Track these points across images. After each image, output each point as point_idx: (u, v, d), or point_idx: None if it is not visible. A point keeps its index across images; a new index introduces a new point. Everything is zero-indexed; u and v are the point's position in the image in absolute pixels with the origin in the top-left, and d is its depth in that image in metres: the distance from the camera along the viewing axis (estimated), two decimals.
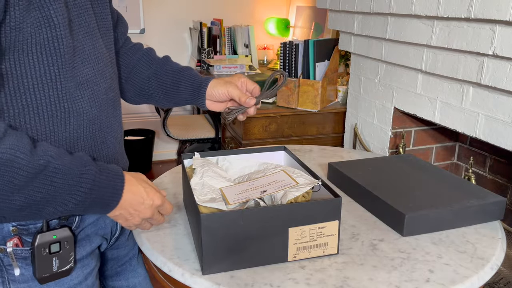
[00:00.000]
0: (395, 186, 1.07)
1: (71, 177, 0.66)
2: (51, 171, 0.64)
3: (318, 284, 0.76)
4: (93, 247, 0.85)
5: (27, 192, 0.62)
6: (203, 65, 3.17)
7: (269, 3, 3.53)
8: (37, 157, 0.63)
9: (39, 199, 0.64)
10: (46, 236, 0.74)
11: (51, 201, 0.65)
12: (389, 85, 1.70)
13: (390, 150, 1.76)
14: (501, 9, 1.09)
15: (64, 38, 0.69)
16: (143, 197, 0.75)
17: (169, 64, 1.01)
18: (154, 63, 1.01)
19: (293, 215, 0.79)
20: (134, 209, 0.75)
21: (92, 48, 0.77)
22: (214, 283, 0.76)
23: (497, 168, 1.64)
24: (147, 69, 1.01)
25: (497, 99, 1.22)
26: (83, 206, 0.69)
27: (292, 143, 2.08)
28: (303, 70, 2.02)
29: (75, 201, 0.67)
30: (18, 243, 0.74)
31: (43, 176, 0.63)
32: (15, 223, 0.73)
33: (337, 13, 1.94)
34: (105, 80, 0.80)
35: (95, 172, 0.69)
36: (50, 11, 0.66)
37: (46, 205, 0.65)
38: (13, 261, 0.74)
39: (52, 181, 0.64)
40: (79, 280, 0.81)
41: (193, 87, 0.98)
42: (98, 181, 0.69)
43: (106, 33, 0.83)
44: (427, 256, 0.86)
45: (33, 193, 0.63)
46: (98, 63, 0.78)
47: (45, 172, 0.63)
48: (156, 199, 0.77)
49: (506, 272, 1.48)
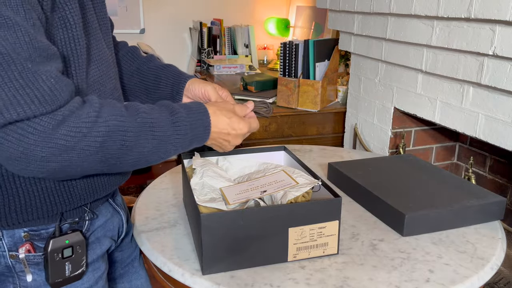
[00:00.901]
0: (395, 186, 1.07)
1: (166, 128, 0.72)
2: (149, 126, 0.70)
3: (318, 284, 0.76)
4: (103, 250, 0.85)
5: (136, 150, 0.69)
6: (203, 65, 3.17)
7: (269, 3, 3.53)
8: (133, 116, 0.69)
9: (146, 152, 0.70)
10: (59, 241, 0.74)
11: (155, 152, 0.72)
12: (389, 85, 1.70)
13: (390, 150, 1.76)
14: (501, 9, 1.09)
15: (80, 38, 0.69)
16: (227, 129, 0.83)
17: (152, 62, 1.01)
18: (137, 60, 1.01)
19: (293, 215, 0.79)
20: (223, 139, 0.84)
21: (97, 49, 0.77)
22: (214, 283, 0.76)
23: (497, 168, 1.64)
24: (130, 65, 1.00)
25: (497, 99, 1.22)
26: (182, 147, 0.76)
27: (292, 143, 2.08)
28: (303, 70, 2.02)
29: (175, 147, 0.74)
30: (30, 249, 0.74)
31: (144, 133, 0.69)
32: (26, 229, 0.73)
33: (337, 13, 1.94)
34: (110, 80, 0.81)
35: (184, 117, 0.75)
36: (65, 12, 0.66)
37: (152, 156, 0.72)
38: (26, 267, 0.74)
39: (153, 135, 0.70)
40: (90, 284, 0.81)
41: (173, 83, 0.98)
42: (189, 124, 0.75)
43: (107, 33, 0.83)
44: (427, 256, 0.86)
45: (141, 149, 0.69)
46: (102, 63, 0.78)
47: (145, 129, 0.69)
48: (242, 127, 0.84)
49: (506, 272, 1.48)
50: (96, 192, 0.78)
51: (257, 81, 2.22)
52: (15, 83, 0.57)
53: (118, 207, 0.91)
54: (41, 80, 0.59)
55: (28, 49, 0.58)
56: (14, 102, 0.57)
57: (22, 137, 0.58)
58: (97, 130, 0.63)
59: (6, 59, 0.57)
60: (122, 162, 0.68)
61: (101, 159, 0.65)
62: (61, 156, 0.61)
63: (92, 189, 0.78)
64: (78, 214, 0.78)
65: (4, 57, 0.56)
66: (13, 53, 0.57)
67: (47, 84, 0.60)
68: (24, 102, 0.58)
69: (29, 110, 0.58)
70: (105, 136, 0.64)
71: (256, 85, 2.20)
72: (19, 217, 0.71)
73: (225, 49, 3.22)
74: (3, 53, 0.56)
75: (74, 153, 0.62)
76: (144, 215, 1.01)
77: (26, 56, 0.58)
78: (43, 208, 0.72)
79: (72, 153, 0.62)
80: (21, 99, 0.57)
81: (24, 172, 0.62)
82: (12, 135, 0.58)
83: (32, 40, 0.59)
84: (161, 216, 1.00)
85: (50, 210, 0.73)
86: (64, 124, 0.61)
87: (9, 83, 0.57)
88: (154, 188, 1.16)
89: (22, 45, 0.58)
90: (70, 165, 0.63)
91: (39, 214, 0.73)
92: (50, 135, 0.59)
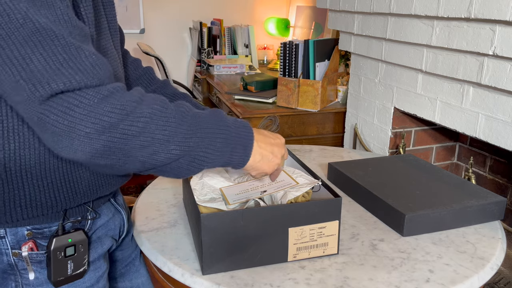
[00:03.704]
0: (395, 186, 1.07)
1: (212, 124, 0.71)
2: (191, 116, 0.69)
3: (318, 284, 0.76)
4: (104, 249, 0.85)
5: (178, 140, 0.66)
6: (203, 65, 3.17)
7: (269, 3, 3.53)
8: (178, 107, 0.69)
9: (191, 143, 0.68)
10: (62, 240, 0.75)
11: (200, 145, 0.69)
12: (389, 85, 1.70)
13: (390, 150, 1.76)
14: (501, 9, 1.09)
15: (92, 36, 0.69)
16: (269, 140, 0.81)
17: (168, 89, 1.01)
18: (153, 84, 1.01)
19: (293, 215, 0.79)
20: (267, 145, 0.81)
21: (106, 48, 0.77)
22: (214, 283, 0.76)
23: (497, 168, 1.64)
24: (148, 87, 1.01)
25: (497, 99, 1.21)
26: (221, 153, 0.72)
27: (292, 143, 2.08)
28: (303, 70, 2.02)
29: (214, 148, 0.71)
30: (33, 247, 0.74)
31: (186, 123, 0.68)
32: (29, 227, 0.74)
33: (337, 13, 1.94)
34: (117, 81, 0.81)
35: (232, 121, 0.75)
36: (80, 9, 0.67)
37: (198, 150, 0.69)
38: (28, 265, 0.74)
39: (199, 127, 0.69)
40: (91, 282, 0.82)
41: None
42: (235, 128, 0.74)
43: (115, 34, 0.83)
44: (427, 256, 0.86)
45: (184, 140, 0.67)
46: (111, 63, 0.78)
47: (187, 119, 0.68)
48: (280, 138, 0.85)
49: (506, 272, 1.48)
50: (99, 190, 0.79)
51: (257, 81, 2.22)
52: (59, 57, 0.58)
53: (119, 206, 0.91)
54: (83, 55, 0.60)
55: (68, 27, 0.60)
56: (59, 73, 0.58)
57: (67, 109, 0.58)
58: (140, 111, 0.63)
59: (49, 34, 0.58)
60: (164, 151, 0.66)
61: (143, 144, 0.64)
62: (104, 135, 0.61)
63: (96, 187, 0.78)
64: (80, 213, 0.79)
65: (47, 32, 0.58)
66: (56, 28, 0.58)
67: (89, 60, 0.61)
68: (69, 74, 0.58)
69: (75, 81, 0.58)
70: (148, 117, 0.64)
71: (256, 85, 2.20)
72: (23, 212, 0.72)
73: (225, 49, 3.22)
74: (46, 29, 0.57)
75: (117, 132, 0.61)
76: (144, 215, 1.01)
77: (68, 33, 0.59)
78: (48, 204, 0.73)
79: (115, 132, 0.61)
80: (66, 71, 0.58)
81: (68, 151, 0.61)
82: (57, 107, 0.58)
83: (71, 19, 0.60)
84: (161, 216, 1.00)
85: (55, 206, 0.74)
86: (108, 100, 0.61)
87: (53, 57, 0.58)
88: (154, 188, 1.16)
89: (62, 23, 0.59)
90: (112, 147, 0.62)
91: (43, 211, 0.73)
92: (94, 110, 0.60)
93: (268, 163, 0.80)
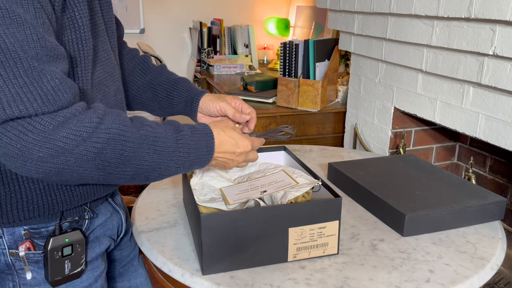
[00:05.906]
0: (395, 186, 1.07)
1: (169, 144, 0.72)
2: (152, 140, 0.69)
3: (318, 284, 0.76)
4: (102, 249, 0.85)
5: (135, 162, 0.68)
6: (203, 65, 3.17)
7: (269, 3, 3.53)
8: (137, 128, 0.68)
9: (146, 167, 0.69)
10: (59, 240, 0.75)
11: (156, 168, 0.71)
12: (389, 85, 1.69)
13: (390, 150, 1.76)
14: (501, 9, 1.09)
15: (88, 39, 0.69)
16: (232, 148, 0.82)
17: (164, 75, 1.01)
18: (149, 72, 1.01)
19: (293, 215, 0.79)
20: (227, 158, 0.82)
21: (103, 50, 0.77)
22: (214, 283, 0.76)
23: (497, 168, 1.64)
24: (142, 77, 1.00)
25: (497, 99, 1.21)
26: (183, 167, 0.75)
27: (292, 143, 2.08)
28: (303, 70, 2.02)
29: (177, 165, 0.73)
30: (30, 247, 0.74)
31: (146, 146, 0.68)
32: (26, 227, 0.74)
33: (337, 13, 1.94)
34: (114, 82, 0.81)
35: (188, 135, 0.74)
36: (75, 13, 0.66)
37: (152, 172, 0.71)
38: (25, 265, 0.74)
39: (154, 149, 0.70)
40: (89, 282, 0.82)
41: (186, 100, 0.98)
42: (192, 143, 0.75)
43: (112, 36, 0.83)
44: (427, 256, 0.86)
45: (141, 162, 0.69)
46: (107, 65, 0.78)
47: (147, 142, 0.69)
48: (246, 144, 0.84)
49: (506, 272, 1.48)
50: (97, 192, 0.79)
51: (257, 81, 2.21)
52: (19, 80, 0.57)
53: (117, 206, 0.91)
54: (45, 79, 0.59)
55: (36, 47, 0.59)
56: (17, 99, 0.57)
57: (21, 134, 0.58)
58: (97, 136, 0.63)
59: (13, 56, 0.57)
60: (119, 173, 0.68)
61: (97, 167, 0.65)
62: (58, 158, 0.61)
63: (93, 189, 0.78)
64: (78, 213, 0.78)
65: (11, 54, 0.57)
66: (20, 50, 0.57)
67: (51, 84, 0.60)
68: (26, 100, 0.58)
69: (31, 108, 0.58)
70: (104, 143, 0.64)
71: (256, 85, 2.20)
72: (20, 214, 0.72)
73: (225, 49, 3.22)
74: (10, 50, 0.57)
75: (72, 156, 0.61)
76: (144, 215, 1.01)
77: (33, 55, 0.58)
78: (44, 206, 0.73)
79: (70, 157, 0.61)
80: (24, 96, 0.58)
81: (21, 170, 0.62)
82: (11, 131, 0.58)
83: (40, 39, 0.59)
84: (161, 216, 1.00)
85: (52, 208, 0.73)
86: (64, 126, 0.60)
87: (13, 80, 0.57)
88: (154, 188, 1.16)
89: (30, 43, 0.58)
90: (66, 169, 0.62)
91: (40, 212, 0.73)
92: (49, 136, 0.59)
93: (224, 168, 0.85)
